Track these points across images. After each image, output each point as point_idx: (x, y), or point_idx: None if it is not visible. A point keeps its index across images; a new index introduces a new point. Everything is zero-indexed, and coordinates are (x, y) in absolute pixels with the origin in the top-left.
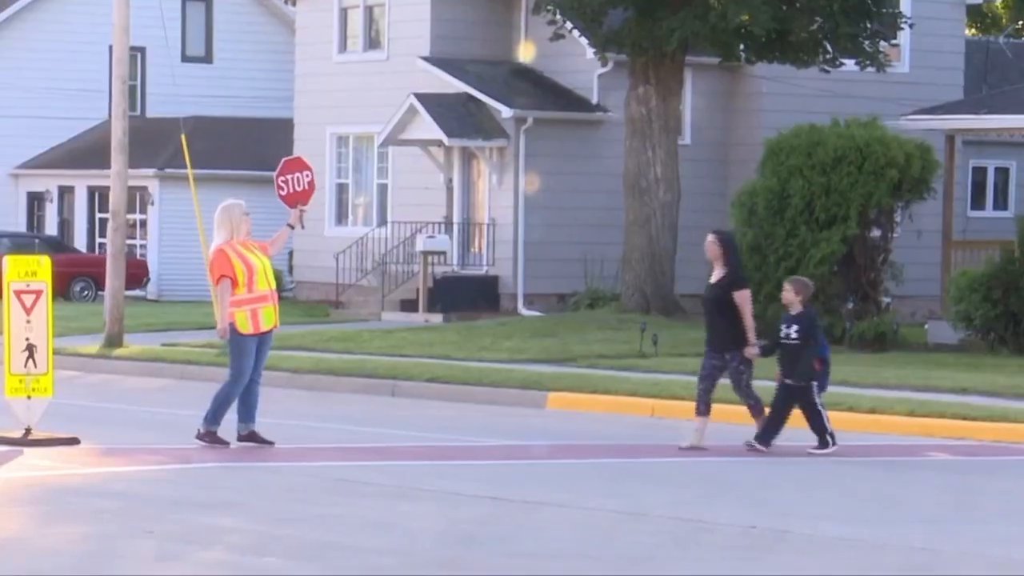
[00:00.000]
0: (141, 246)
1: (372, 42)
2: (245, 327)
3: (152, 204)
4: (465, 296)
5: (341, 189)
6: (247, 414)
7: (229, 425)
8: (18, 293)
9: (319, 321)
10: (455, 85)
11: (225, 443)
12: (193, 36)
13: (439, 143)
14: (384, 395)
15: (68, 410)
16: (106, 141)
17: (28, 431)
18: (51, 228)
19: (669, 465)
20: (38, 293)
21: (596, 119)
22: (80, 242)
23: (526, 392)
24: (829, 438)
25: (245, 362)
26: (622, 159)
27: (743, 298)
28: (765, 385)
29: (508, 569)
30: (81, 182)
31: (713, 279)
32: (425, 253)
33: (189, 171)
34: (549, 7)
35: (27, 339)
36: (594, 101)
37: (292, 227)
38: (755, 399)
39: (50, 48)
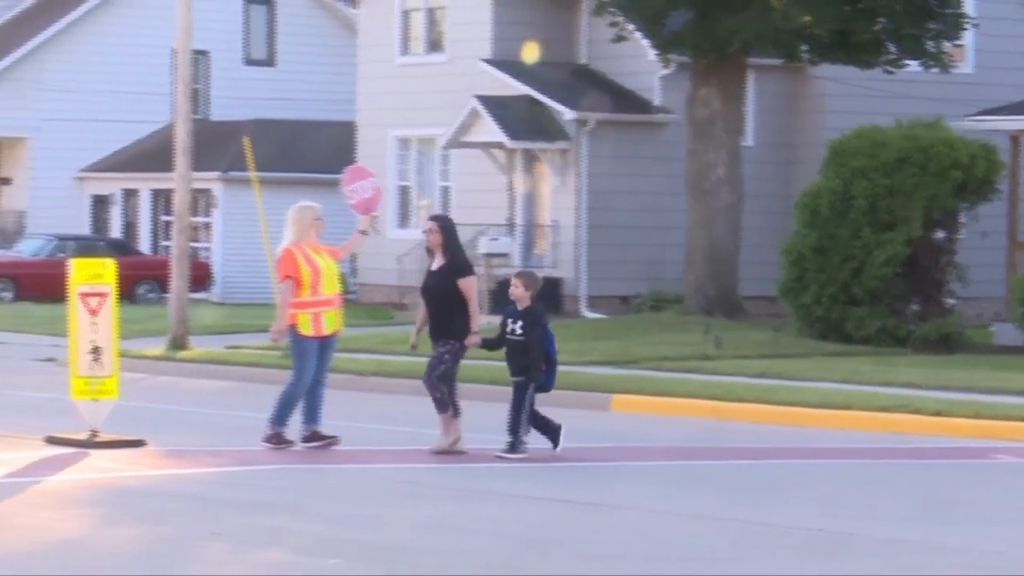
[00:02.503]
0: (205, 248)
1: (434, 44)
2: (307, 329)
3: (216, 207)
4: None
5: (403, 192)
6: (311, 416)
7: (296, 429)
8: (84, 296)
9: (382, 323)
10: (517, 87)
11: (290, 443)
12: (256, 39)
13: (501, 145)
14: None
15: (133, 412)
16: (170, 144)
17: (94, 433)
18: (116, 231)
19: (734, 467)
20: (103, 296)
21: (658, 121)
22: (144, 245)
23: (590, 394)
24: (521, 445)
25: (307, 364)
26: (684, 161)
27: (468, 285)
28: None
29: (571, 571)
30: (145, 185)
31: (434, 267)
32: (487, 255)
33: (252, 174)
34: (611, 9)
35: (93, 341)
36: (656, 103)
37: (364, 233)
38: (441, 392)
39: (114, 52)
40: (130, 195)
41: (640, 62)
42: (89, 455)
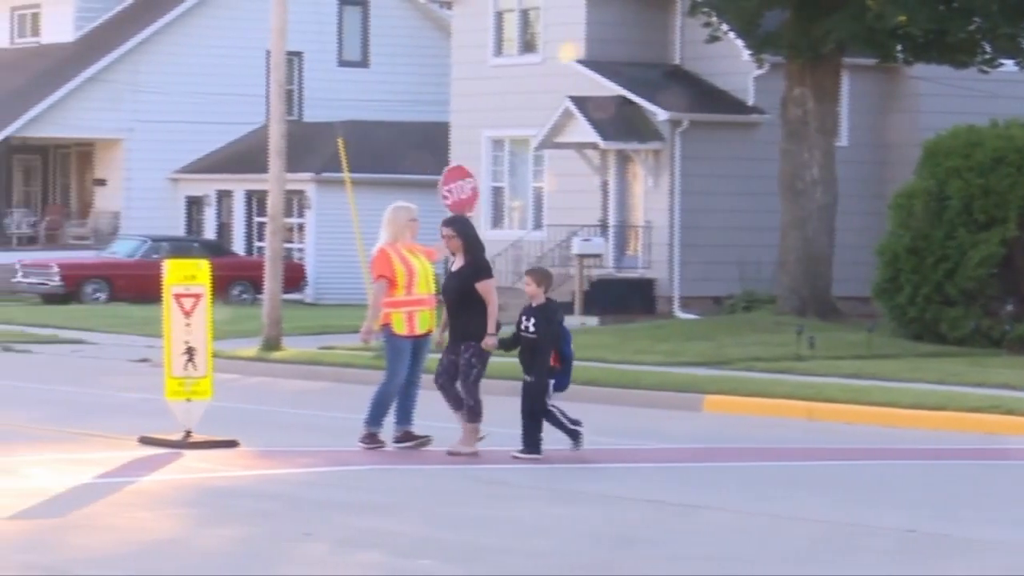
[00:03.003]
0: (298, 249)
1: (527, 45)
2: (401, 328)
3: (309, 208)
4: (620, 299)
5: (497, 192)
6: (404, 416)
7: (391, 428)
8: (178, 297)
9: None
10: (610, 88)
11: (382, 445)
12: (349, 40)
13: (594, 146)
14: None
15: (226, 413)
16: (264, 145)
17: (188, 434)
18: (210, 232)
19: (826, 468)
20: (197, 296)
21: (752, 121)
22: (238, 246)
23: (682, 395)
24: (538, 445)
25: (400, 363)
26: (778, 161)
27: (487, 288)
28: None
29: (660, 571)
30: (239, 186)
31: (454, 268)
32: (581, 256)
33: (346, 175)
34: (705, 9)
35: (187, 342)
36: (750, 103)
37: None
38: (476, 400)
39: (209, 53)
40: (224, 196)
41: (734, 62)
42: (183, 456)
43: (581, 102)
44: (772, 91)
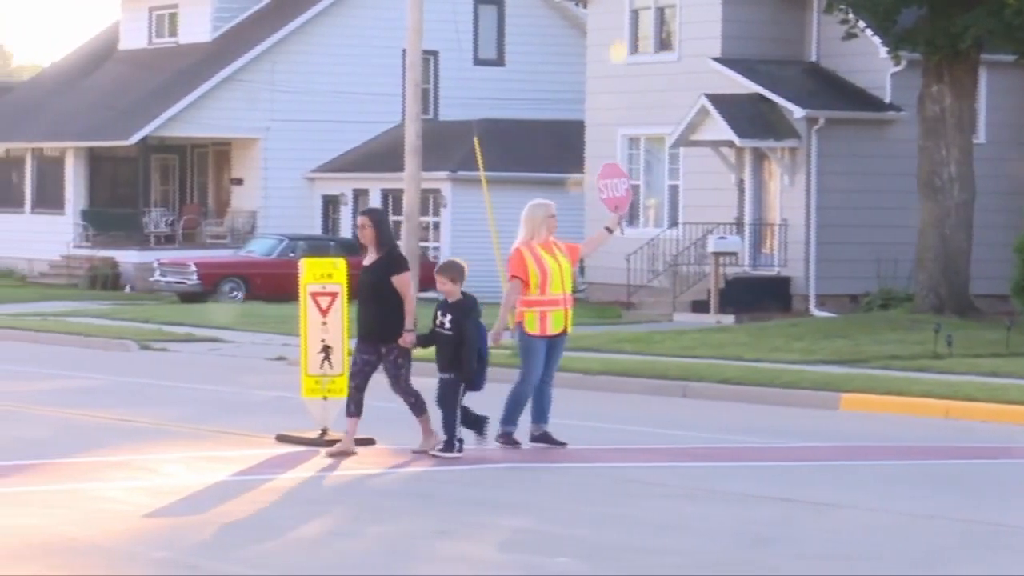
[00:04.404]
0: (434, 248)
1: (663, 43)
2: (533, 328)
3: (445, 206)
4: (756, 297)
5: (633, 191)
6: (539, 415)
7: (526, 427)
8: (314, 295)
9: (610, 322)
10: (746, 85)
11: (518, 444)
12: (485, 39)
13: (730, 144)
14: (675, 396)
15: (366, 411)
16: (400, 144)
17: (324, 432)
18: (346, 231)
19: (964, 467)
20: (333, 295)
21: (889, 118)
22: None
23: (818, 393)
24: (457, 442)
25: (534, 362)
26: (915, 158)
27: (403, 281)
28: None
29: (799, 570)
30: (375, 185)
31: (367, 262)
32: (716, 254)
33: (481, 173)
34: (841, 6)
35: (323, 340)
36: (887, 100)
37: (611, 231)
38: (415, 395)
39: (344, 53)
40: (360, 195)
41: (871, 59)
42: (319, 453)
43: (717, 100)
44: (909, 88)
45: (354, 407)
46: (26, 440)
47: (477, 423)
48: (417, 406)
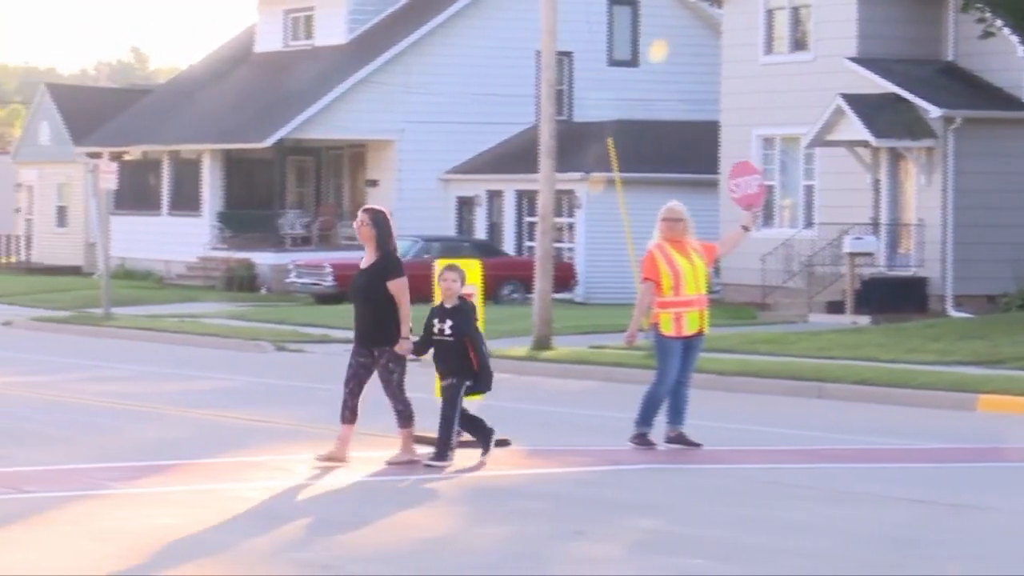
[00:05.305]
0: (568, 249)
1: (798, 43)
2: (668, 329)
3: (579, 207)
4: (892, 297)
5: (768, 191)
6: (675, 416)
7: (662, 428)
8: None
9: (745, 323)
10: (881, 85)
11: (653, 445)
12: (619, 40)
13: (866, 144)
14: (810, 397)
15: (498, 412)
16: (534, 145)
17: (459, 433)
18: (480, 232)
19: None
20: (468, 296)
21: None
22: (508, 245)
23: (955, 394)
24: (449, 452)
25: (669, 364)
26: None
27: (399, 287)
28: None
29: (928, 571)
30: (509, 186)
31: (364, 264)
32: (852, 254)
33: (616, 174)
34: (978, 5)
35: None
36: None
37: (747, 229)
38: (405, 403)
39: (478, 54)
40: (495, 196)
41: (1008, 58)
42: (454, 454)
43: (852, 99)
44: None
45: (348, 414)
46: (166, 441)
47: (487, 436)
48: (405, 415)
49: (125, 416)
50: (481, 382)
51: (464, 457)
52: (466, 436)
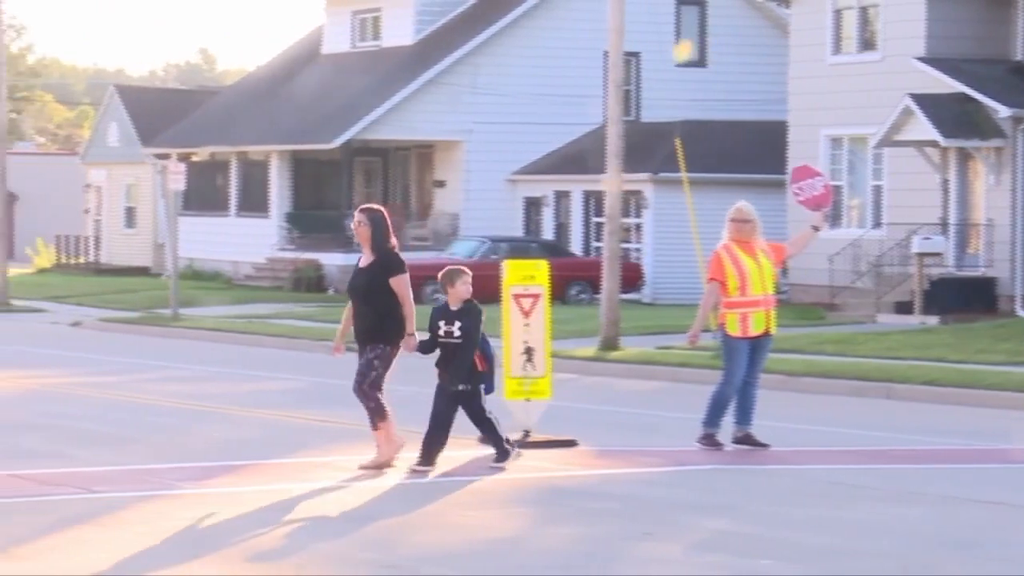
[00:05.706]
0: (636, 250)
1: (866, 43)
2: (734, 329)
3: (647, 208)
4: (961, 298)
5: (835, 191)
6: (743, 416)
7: (729, 428)
8: (516, 297)
9: (812, 324)
10: (950, 85)
11: (720, 445)
12: (686, 40)
13: (934, 144)
14: (878, 398)
15: (565, 412)
16: (601, 146)
17: (527, 433)
18: (548, 232)
19: None
20: (536, 297)
21: None
22: (576, 246)
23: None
24: (508, 447)
25: (736, 364)
26: None
27: (402, 284)
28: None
29: (988, 572)
30: (576, 187)
31: (363, 264)
32: (920, 254)
33: (683, 175)
34: None
35: (525, 342)
36: None
37: (817, 229)
38: (375, 401)
39: (546, 55)
40: (562, 197)
41: None
42: (522, 455)
43: (921, 99)
44: None
45: (381, 413)
46: (235, 441)
47: (504, 452)
48: (377, 412)
49: (193, 416)
50: (489, 383)
51: (536, 457)
52: (537, 436)
